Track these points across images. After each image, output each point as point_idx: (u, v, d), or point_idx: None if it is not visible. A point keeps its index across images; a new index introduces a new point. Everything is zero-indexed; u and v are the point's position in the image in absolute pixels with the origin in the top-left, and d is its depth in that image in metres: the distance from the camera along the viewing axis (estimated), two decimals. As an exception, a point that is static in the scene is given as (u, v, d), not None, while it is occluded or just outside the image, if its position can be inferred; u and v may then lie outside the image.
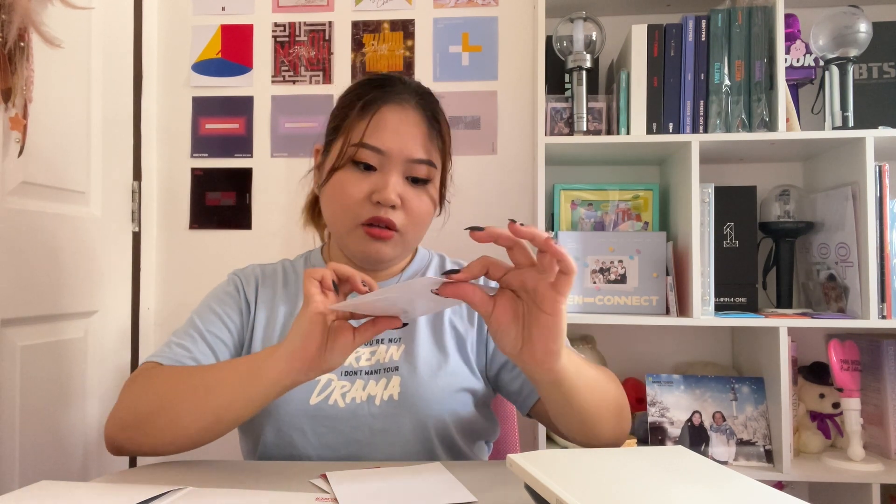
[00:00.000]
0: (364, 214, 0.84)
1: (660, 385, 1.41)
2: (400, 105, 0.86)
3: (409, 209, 0.85)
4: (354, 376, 0.86)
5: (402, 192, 0.84)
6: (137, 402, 0.76)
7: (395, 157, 0.84)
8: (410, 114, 0.86)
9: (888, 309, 1.28)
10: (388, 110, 0.86)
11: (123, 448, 0.76)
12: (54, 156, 1.30)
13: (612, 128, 1.45)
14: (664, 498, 0.51)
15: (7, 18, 1.02)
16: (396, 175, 0.84)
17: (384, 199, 0.83)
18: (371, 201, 0.84)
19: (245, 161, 1.69)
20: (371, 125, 0.85)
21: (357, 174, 0.85)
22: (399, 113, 0.86)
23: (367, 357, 0.88)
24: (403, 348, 0.88)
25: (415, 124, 0.86)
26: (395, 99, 0.87)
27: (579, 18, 1.44)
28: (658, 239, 1.42)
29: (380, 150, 0.84)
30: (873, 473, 1.27)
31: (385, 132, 0.84)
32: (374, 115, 0.85)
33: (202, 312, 0.89)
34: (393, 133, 0.85)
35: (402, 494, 0.65)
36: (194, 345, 0.84)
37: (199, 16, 1.71)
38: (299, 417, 0.84)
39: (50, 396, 1.29)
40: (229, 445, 0.97)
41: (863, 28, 1.31)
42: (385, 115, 0.85)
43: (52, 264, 1.27)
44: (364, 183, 0.84)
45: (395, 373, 0.86)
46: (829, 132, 1.33)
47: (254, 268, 0.97)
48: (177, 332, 0.87)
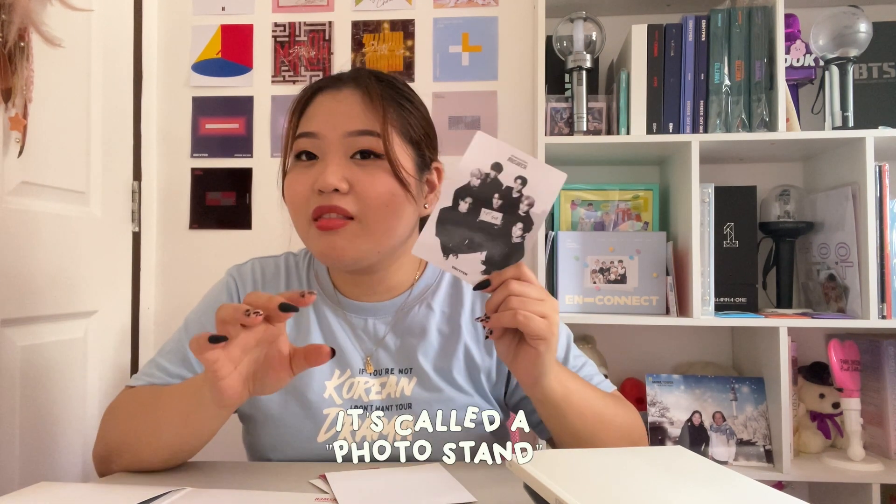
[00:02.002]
0: (310, 208, 0.77)
1: (660, 385, 1.41)
2: (333, 88, 0.81)
3: (361, 190, 0.76)
4: (365, 412, 0.83)
5: (347, 174, 0.76)
6: (107, 436, 0.79)
7: (331, 135, 0.78)
8: (345, 92, 0.80)
9: (888, 309, 1.28)
10: (321, 96, 0.81)
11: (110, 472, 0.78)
12: (54, 156, 1.30)
13: (612, 128, 1.45)
14: (664, 498, 0.51)
15: (7, 18, 1.01)
16: (336, 156, 0.77)
17: (323, 185, 0.75)
18: (315, 192, 0.77)
19: (245, 161, 1.69)
20: (304, 117, 0.81)
21: (300, 169, 0.79)
22: (331, 95, 0.81)
23: (377, 390, 0.84)
24: (415, 381, 0.84)
25: (350, 101, 0.79)
26: (329, 86, 0.82)
27: (579, 18, 1.44)
28: (658, 239, 1.42)
29: (312, 133, 0.79)
30: (873, 473, 1.27)
31: (318, 116, 0.80)
32: (309, 107, 0.81)
33: (192, 325, 0.87)
34: (326, 113, 0.79)
35: (401, 494, 0.65)
36: (173, 364, 0.84)
37: (199, 16, 1.71)
38: (306, 454, 0.82)
39: (50, 396, 1.29)
40: (229, 445, 0.97)
41: (863, 28, 1.31)
42: (317, 102, 0.81)
43: (52, 264, 1.27)
44: (307, 175, 0.78)
45: (407, 410, 0.83)
46: (829, 132, 1.33)
47: (253, 264, 0.92)
48: (165, 345, 0.87)
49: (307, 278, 0.91)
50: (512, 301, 0.66)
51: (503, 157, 0.68)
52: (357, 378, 0.84)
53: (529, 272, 0.69)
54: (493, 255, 0.70)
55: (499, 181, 0.68)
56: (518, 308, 0.65)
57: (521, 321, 0.65)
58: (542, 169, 0.68)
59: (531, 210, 0.68)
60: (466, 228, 0.69)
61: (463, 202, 0.69)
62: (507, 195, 0.68)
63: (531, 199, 0.68)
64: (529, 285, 0.67)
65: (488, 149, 0.67)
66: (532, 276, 0.68)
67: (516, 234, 0.69)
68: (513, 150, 0.67)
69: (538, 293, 0.67)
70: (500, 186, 0.68)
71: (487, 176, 0.68)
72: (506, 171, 0.68)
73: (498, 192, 0.68)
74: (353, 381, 0.84)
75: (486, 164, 0.68)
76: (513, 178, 0.68)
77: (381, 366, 0.85)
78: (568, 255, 1.43)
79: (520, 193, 0.68)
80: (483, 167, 0.68)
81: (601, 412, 0.78)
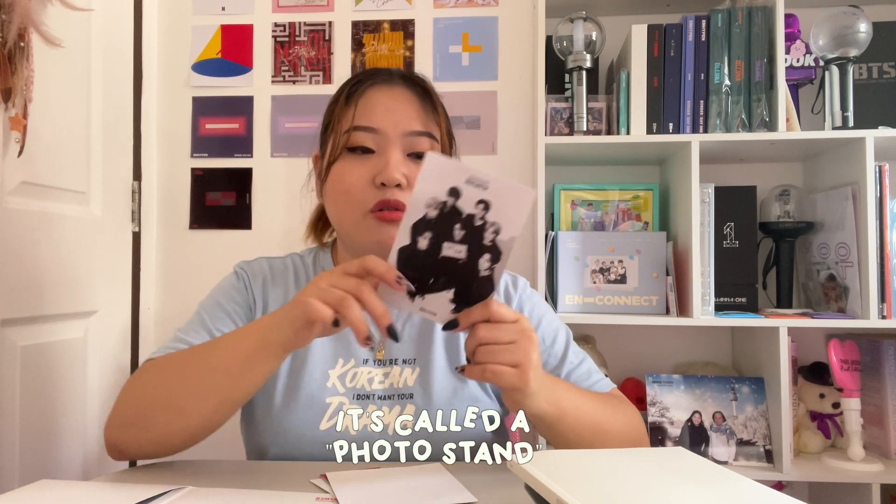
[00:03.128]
0: (370, 200, 0.79)
1: (660, 385, 1.41)
2: (386, 84, 0.82)
3: None
4: (367, 401, 0.83)
5: (406, 170, 0.79)
6: (137, 397, 0.75)
7: (391, 133, 0.80)
8: (399, 90, 0.82)
9: (888, 309, 1.28)
10: (375, 90, 0.82)
11: (125, 448, 0.75)
12: (54, 156, 1.29)
13: (612, 128, 1.45)
14: (664, 498, 0.51)
15: (7, 18, 1.01)
16: (397, 152, 0.79)
17: (388, 179, 0.77)
18: (375, 185, 0.78)
19: (245, 161, 1.69)
20: (359, 108, 0.81)
21: (355, 160, 0.80)
22: (387, 91, 0.82)
23: (380, 379, 0.84)
24: (418, 372, 0.85)
25: (406, 100, 0.82)
26: (381, 79, 0.83)
27: (579, 18, 1.44)
28: (658, 239, 1.42)
29: (373, 128, 0.80)
30: (873, 473, 1.27)
31: (375, 111, 0.80)
32: (361, 99, 0.81)
33: (209, 307, 0.86)
34: (384, 110, 0.80)
35: (402, 495, 0.65)
36: (198, 338, 0.82)
37: (199, 16, 1.71)
38: (307, 443, 0.81)
39: (50, 396, 1.29)
40: (229, 445, 0.97)
41: (863, 28, 1.31)
42: (372, 96, 0.81)
43: (52, 264, 1.27)
44: (363, 168, 0.80)
45: (409, 400, 0.83)
46: (829, 132, 1.33)
47: (261, 262, 0.93)
48: (182, 326, 0.85)
49: (315, 275, 0.91)
50: (480, 353, 0.64)
51: (460, 179, 0.59)
52: (360, 368, 0.85)
53: (500, 309, 0.64)
54: (461, 293, 0.63)
55: (458, 209, 0.60)
56: (487, 361, 0.64)
57: (490, 378, 0.64)
58: (506, 188, 0.59)
59: (497, 238, 0.61)
60: (429, 266, 0.62)
61: (422, 238, 0.61)
62: (469, 224, 0.61)
63: (497, 225, 0.60)
64: (499, 327, 0.64)
65: (443, 172, 0.59)
66: (503, 313, 0.65)
67: (484, 267, 0.62)
68: (471, 171, 0.59)
69: (509, 334, 0.64)
70: (461, 215, 0.60)
71: (445, 204, 0.60)
72: (465, 195, 0.59)
73: (459, 221, 0.60)
74: (357, 370, 0.85)
75: (442, 190, 0.60)
76: (474, 204, 0.60)
77: (388, 356, 0.86)
78: (568, 255, 1.43)
79: (483, 220, 0.60)
80: (439, 194, 0.60)
81: (598, 422, 0.78)
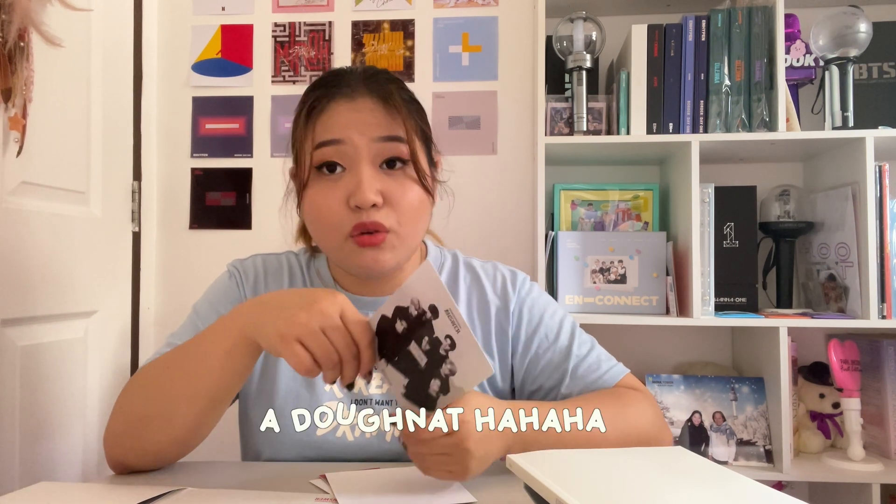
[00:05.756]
0: (347, 224, 0.76)
1: (660, 385, 1.41)
2: (347, 97, 0.79)
3: (395, 203, 0.77)
4: (364, 405, 0.83)
5: (381, 186, 0.76)
6: (128, 408, 0.75)
7: (358, 142, 0.76)
8: (360, 100, 0.78)
9: (888, 309, 1.28)
10: (335, 105, 0.78)
11: (123, 460, 0.75)
12: (54, 156, 1.29)
13: (612, 128, 1.45)
14: (664, 498, 0.51)
15: (7, 18, 1.01)
16: (368, 166, 0.76)
17: (362, 202, 0.74)
18: (350, 207, 0.75)
19: (245, 161, 1.69)
20: (320, 125, 0.78)
21: (326, 182, 0.77)
22: (347, 104, 0.78)
23: (377, 384, 0.84)
24: None
25: (368, 108, 0.78)
26: (341, 93, 0.79)
27: (579, 18, 1.44)
28: (658, 239, 1.42)
29: (337, 140, 0.76)
30: (873, 473, 1.27)
31: (337, 124, 0.77)
32: (322, 115, 0.78)
33: (202, 310, 0.86)
34: (346, 121, 0.77)
35: (402, 495, 0.65)
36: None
37: (199, 16, 1.71)
38: (303, 448, 0.81)
39: (50, 396, 1.29)
40: (229, 446, 0.97)
41: (863, 28, 1.31)
42: (333, 111, 0.78)
43: (52, 264, 1.27)
44: (336, 189, 0.76)
45: None
46: (829, 132, 1.33)
47: (255, 260, 0.92)
48: (175, 331, 0.85)
49: (309, 276, 0.91)
50: (415, 460, 0.65)
51: (442, 305, 0.61)
52: None
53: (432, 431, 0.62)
54: (413, 387, 0.64)
55: (432, 327, 0.62)
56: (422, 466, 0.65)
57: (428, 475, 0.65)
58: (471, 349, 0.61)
59: (451, 378, 0.62)
60: (397, 346, 0.64)
61: (399, 322, 0.64)
62: (434, 347, 0.62)
63: (454, 367, 0.62)
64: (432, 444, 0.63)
65: (430, 286, 0.61)
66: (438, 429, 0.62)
67: (433, 389, 0.63)
68: (453, 305, 0.60)
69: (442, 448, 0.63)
70: (432, 333, 0.62)
71: (424, 314, 0.62)
72: (441, 321, 0.61)
73: (428, 336, 0.62)
74: None
75: (426, 301, 0.62)
76: (444, 334, 0.61)
77: None
78: (568, 255, 1.43)
79: (446, 354, 0.62)
80: (423, 302, 0.62)
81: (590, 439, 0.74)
